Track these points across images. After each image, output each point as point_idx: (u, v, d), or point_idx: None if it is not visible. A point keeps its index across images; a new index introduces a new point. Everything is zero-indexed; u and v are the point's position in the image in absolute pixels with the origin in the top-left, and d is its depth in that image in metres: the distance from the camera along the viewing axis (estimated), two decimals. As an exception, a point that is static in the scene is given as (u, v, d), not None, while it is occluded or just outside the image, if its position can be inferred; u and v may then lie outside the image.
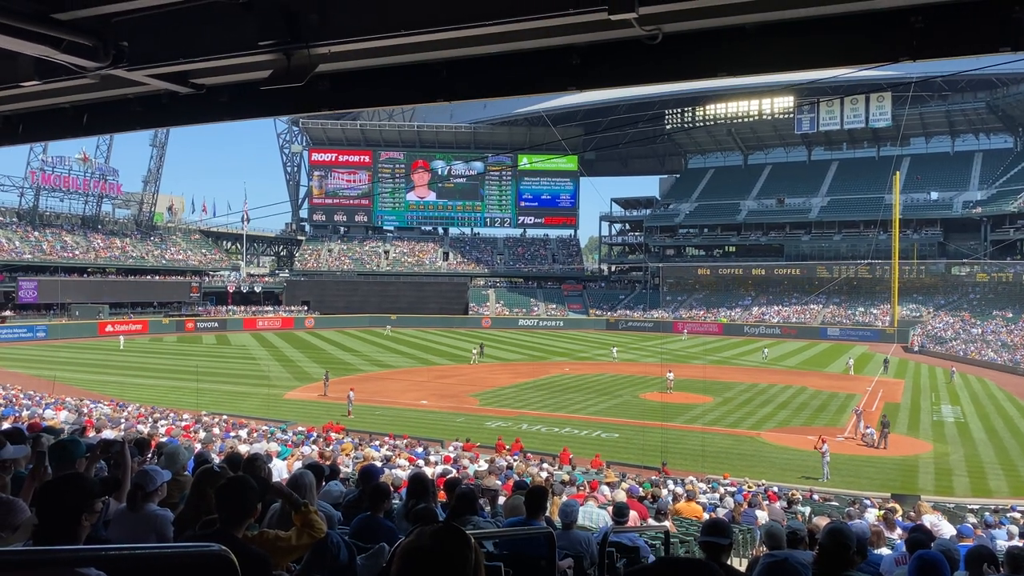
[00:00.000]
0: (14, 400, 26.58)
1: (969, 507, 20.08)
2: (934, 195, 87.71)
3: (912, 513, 13.95)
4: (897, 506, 15.45)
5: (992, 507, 19.89)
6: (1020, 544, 9.58)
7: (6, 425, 12.45)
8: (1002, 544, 9.92)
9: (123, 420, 21.96)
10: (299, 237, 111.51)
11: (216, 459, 9.18)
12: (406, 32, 4.73)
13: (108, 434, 14.23)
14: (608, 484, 14.83)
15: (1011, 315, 71.41)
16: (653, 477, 21.31)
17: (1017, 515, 16.34)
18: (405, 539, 2.02)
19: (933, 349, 68.30)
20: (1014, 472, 26.93)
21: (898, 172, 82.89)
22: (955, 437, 32.24)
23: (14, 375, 42.95)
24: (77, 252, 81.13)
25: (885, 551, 8.59)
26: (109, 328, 72.69)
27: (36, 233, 79.89)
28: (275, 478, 7.76)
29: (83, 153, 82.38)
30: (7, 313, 71.30)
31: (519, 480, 12.04)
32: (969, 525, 10.27)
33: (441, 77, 5.71)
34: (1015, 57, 4.36)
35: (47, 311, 74.14)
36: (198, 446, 14.16)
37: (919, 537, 6.50)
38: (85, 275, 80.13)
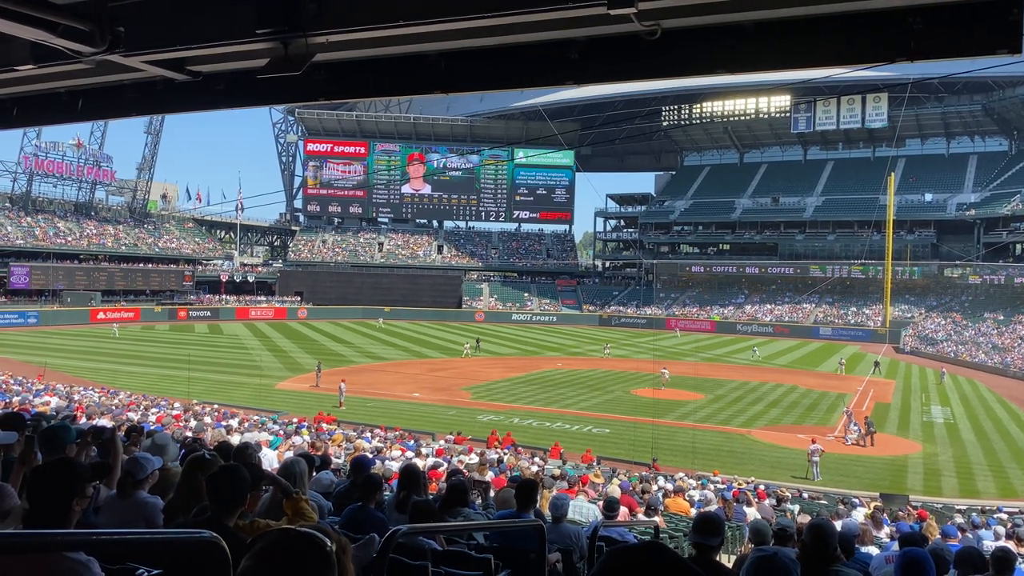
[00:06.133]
0: (4, 386, 26.49)
1: (957, 507, 20.20)
2: (928, 197, 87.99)
3: (901, 512, 14.03)
4: (884, 506, 15.51)
5: (979, 508, 20.02)
6: (1006, 545, 9.65)
7: (-4, 411, 12.39)
8: (989, 545, 9.98)
9: (113, 407, 21.88)
10: (293, 227, 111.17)
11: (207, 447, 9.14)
12: (404, 22, 4.71)
13: (100, 422, 14.21)
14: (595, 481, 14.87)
15: (1002, 317, 71.72)
16: (643, 473, 21.36)
17: (1004, 516, 16.43)
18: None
19: (924, 350, 68.59)
20: (1002, 473, 27.10)
21: (893, 173, 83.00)
22: (944, 438, 32.41)
23: (5, 361, 42.83)
24: (70, 238, 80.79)
25: (873, 550, 8.64)
26: (101, 315, 72.47)
27: (28, 219, 79.55)
28: (266, 467, 7.76)
29: (77, 139, 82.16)
30: (-2, 299, 71.08)
31: (512, 476, 12.06)
32: (954, 526, 10.33)
33: (439, 69, 5.68)
34: (1012, 60, 4.36)
35: (39, 297, 73.89)
36: (189, 435, 14.14)
37: (913, 537, 6.52)
38: (77, 261, 79.84)
